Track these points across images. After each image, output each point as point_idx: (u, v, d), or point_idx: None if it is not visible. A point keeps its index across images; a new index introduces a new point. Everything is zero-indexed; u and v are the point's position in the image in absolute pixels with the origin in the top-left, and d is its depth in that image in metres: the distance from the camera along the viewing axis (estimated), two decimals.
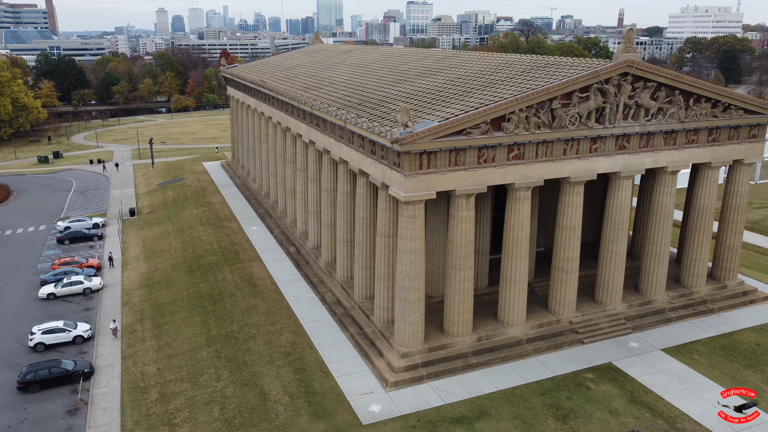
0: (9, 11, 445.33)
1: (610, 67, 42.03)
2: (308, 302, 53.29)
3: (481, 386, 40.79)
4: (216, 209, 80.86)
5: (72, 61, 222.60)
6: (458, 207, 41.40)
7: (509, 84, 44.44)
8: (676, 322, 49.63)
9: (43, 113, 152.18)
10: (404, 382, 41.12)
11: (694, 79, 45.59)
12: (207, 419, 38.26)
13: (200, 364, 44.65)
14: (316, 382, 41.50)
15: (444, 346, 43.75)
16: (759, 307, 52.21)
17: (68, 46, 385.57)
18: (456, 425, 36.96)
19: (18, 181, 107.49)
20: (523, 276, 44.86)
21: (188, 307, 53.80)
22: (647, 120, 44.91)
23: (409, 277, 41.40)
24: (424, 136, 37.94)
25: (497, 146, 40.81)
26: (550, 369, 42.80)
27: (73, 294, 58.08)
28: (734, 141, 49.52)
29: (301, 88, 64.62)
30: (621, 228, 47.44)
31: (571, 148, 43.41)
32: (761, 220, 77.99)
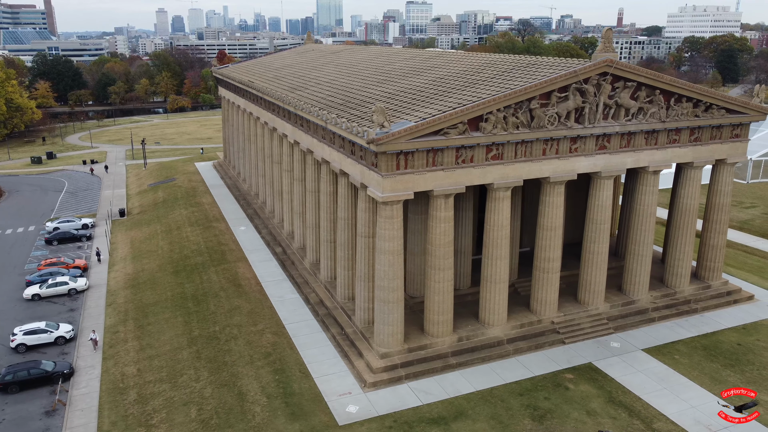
0: (7, 12, 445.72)
1: (589, 66, 41.97)
2: (292, 303, 53.25)
3: (459, 387, 40.74)
4: (205, 210, 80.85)
5: (69, 62, 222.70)
6: (437, 207, 41.35)
7: (489, 84, 44.38)
8: (659, 322, 49.56)
9: (38, 114, 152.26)
10: (383, 382, 41.08)
11: (674, 79, 45.52)
12: (184, 420, 38.24)
13: (180, 364, 44.63)
14: (295, 382, 41.47)
15: (424, 346, 43.70)
16: (742, 307, 52.12)
17: (67, 46, 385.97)
18: (432, 426, 36.92)
19: (10, 182, 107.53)
20: (503, 276, 44.81)
21: (172, 307, 53.78)
22: (628, 120, 44.84)
23: (388, 278, 41.36)
24: (401, 137, 37.88)
25: (475, 146, 40.76)
26: (529, 369, 42.75)
27: (58, 295, 58.07)
28: (717, 141, 49.45)
29: (287, 88, 64.59)
30: (602, 228, 47.38)
31: (550, 148, 43.35)
32: (750, 220, 77.89)
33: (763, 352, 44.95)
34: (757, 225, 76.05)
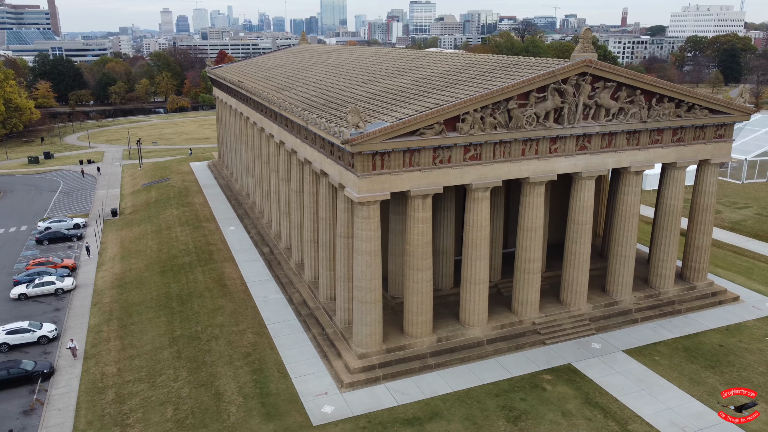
0: (11, 12, 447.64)
1: (567, 67, 41.83)
2: (275, 303, 53.29)
3: (436, 387, 40.69)
4: (196, 210, 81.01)
5: (69, 62, 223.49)
6: (414, 208, 41.31)
7: (469, 84, 44.30)
8: (642, 323, 49.38)
9: (36, 114, 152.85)
10: (360, 383, 41.06)
11: (655, 79, 45.34)
12: (159, 420, 38.31)
13: (160, 364, 44.72)
14: (272, 383, 41.50)
15: (402, 347, 43.66)
16: (727, 308, 51.87)
17: (70, 46, 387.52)
18: (406, 426, 36.88)
19: (6, 182, 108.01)
20: (483, 277, 44.71)
21: (156, 307, 53.91)
22: (608, 120, 44.68)
23: (365, 278, 41.33)
24: (376, 137, 37.86)
25: (452, 147, 40.69)
26: (508, 370, 42.66)
27: (44, 294, 58.28)
28: (700, 141, 49.23)
29: (274, 88, 64.65)
30: (584, 228, 47.24)
31: (529, 148, 43.24)
32: (742, 220, 77.51)
33: (745, 353, 44.72)
34: (748, 226, 75.65)
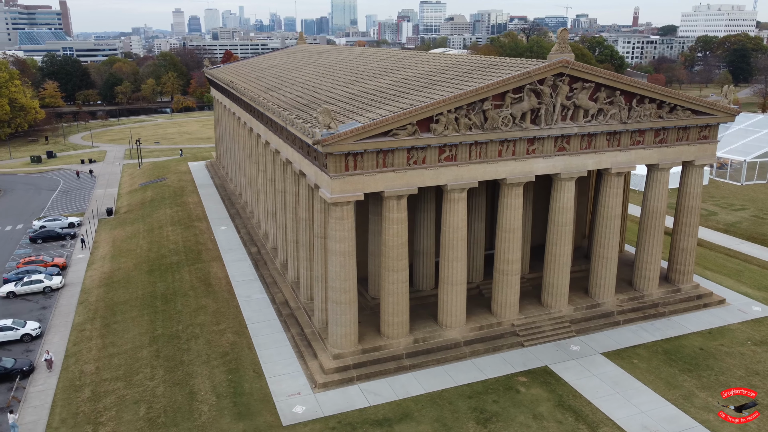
0: (24, 13, 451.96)
1: (543, 67, 41.62)
2: (258, 303, 53.44)
3: (410, 388, 40.62)
4: (190, 209, 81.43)
5: (77, 62, 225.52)
6: (389, 208, 41.27)
7: (448, 85, 44.20)
8: (624, 325, 49.01)
9: (41, 113, 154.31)
10: (333, 383, 41.08)
11: (635, 80, 44.95)
12: (132, 418, 38.54)
13: (138, 363, 44.99)
14: (247, 382, 41.62)
15: (378, 347, 43.63)
16: (712, 311, 51.36)
17: (81, 46, 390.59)
18: (375, 427, 36.85)
19: (7, 181, 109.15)
20: (460, 278, 44.57)
21: (140, 306, 54.24)
22: (587, 121, 44.37)
23: (339, 279, 41.35)
24: (347, 138, 37.85)
25: (427, 147, 40.59)
26: (483, 372, 42.50)
27: (33, 293, 58.84)
28: (683, 142, 48.79)
29: (263, 88, 64.86)
30: (564, 230, 46.96)
31: (506, 149, 43.05)
32: (738, 222, 76.71)
33: (725, 357, 44.26)
34: (743, 228, 74.87)
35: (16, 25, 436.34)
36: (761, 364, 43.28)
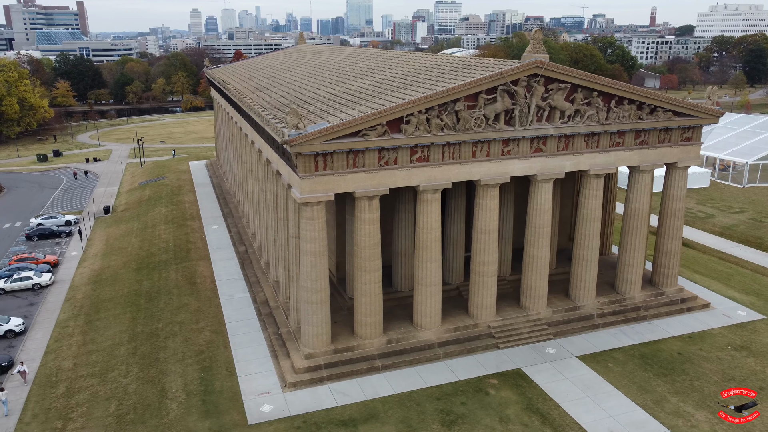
0: (42, 13, 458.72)
1: (516, 68, 41.36)
2: (240, 302, 53.71)
3: (379, 389, 40.58)
4: (184, 208, 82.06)
5: (89, 62, 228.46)
6: (361, 209, 41.28)
7: (424, 85, 44.10)
8: (603, 328, 48.54)
9: (50, 112, 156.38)
10: (304, 383, 41.17)
11: (612, 81, 44.50)
12: (102, 414, 38.94)
13: (115, 360, 45.44)
14: (218, 380, 41.85)
15: (351, 348, 43.65)
16: (695, 315, 50.69)
17: (97, 46, 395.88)
18: (340, 428, 36.87)
19: (12, 179, 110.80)
20: (434, 279, 44.44)
21: (124, 304, 54.77)
22: (563, 122, 44.02)
23: (310, 278, 41.44)
24: (315, 138, 37.90)
25: (398, 148, 40.51)
26: (455, 373, 42.33)
27: (22, 289, 59.68)
28: (665, 144, 48.20)
29: (252, 88, 65.21)
30: (542, 232, 46.62)
31: (480, 150, 42.83)
32: (734, 225, 75.60)
33: (702, 362, 43.67)
34: (739, 231, 73.79)
35: (34, 25, 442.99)
36: (738, 370, 42.64)
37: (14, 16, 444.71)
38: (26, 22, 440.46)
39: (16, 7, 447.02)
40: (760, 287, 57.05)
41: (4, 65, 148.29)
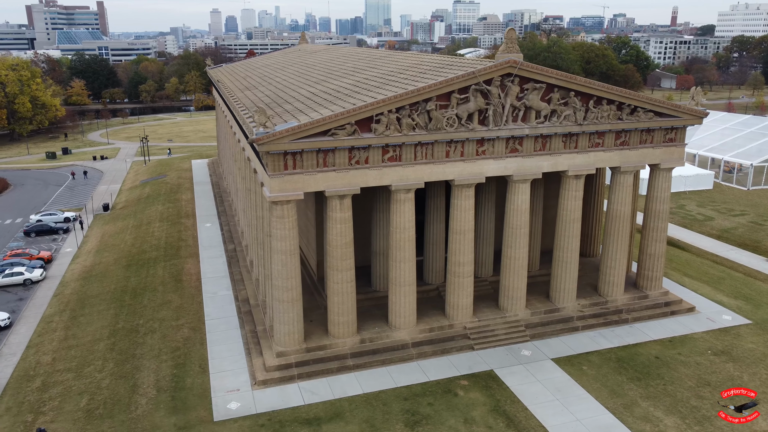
0: (63, 13, 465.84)
1: (489, 68, 41.05)
2: (222, 299, 54.03)
3: (348, 389, 40.55)
4: (181, 206, 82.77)
5: (104, 61, 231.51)
6: (332, 208, 41.30)
7: (401, 84, 43.94)
8: (583, 331, 48.02)
9: (62, 111, 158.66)
10: (273, 381, 41.30)
11: (590, 81, 43.95)
12: (72, 409, 39.41)
13: (93, 355, 45.97)
14: (190, 377, 42.14)
15: (323, 347, 43.69)
16: (678, 319, 49.91)
17: (115, 46, 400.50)
18: (303, 426, 36.92)
19: (19, 176, 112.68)
20: (408, 279, 44.28)
21: (109, 300, 55.39)
22: (539, 122, 43.58)
23: (281, 277, 41.54)
24: (283, 137, 37.99)
25: (369, 147, 40.44)
26: (426, 374, 42.15)
27: (13, 284, 60.66)
28: (647, 145, 47.53)
29: (242, 87, 65.59)
30: (520, 233, 46.25)
31: (454, 150, 42.58)
32: (733, 228, 74.32)
33: (679, 366, 42.98)
34: (737, 234, 72.54)
35: (55, 25, 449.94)
36: (715, 375, 41.90)
37: (36, 15, 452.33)
38: (47, 21, 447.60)
39: (38, 7, 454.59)
40: (750, 291, 56.02)
41: (17, 64, 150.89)
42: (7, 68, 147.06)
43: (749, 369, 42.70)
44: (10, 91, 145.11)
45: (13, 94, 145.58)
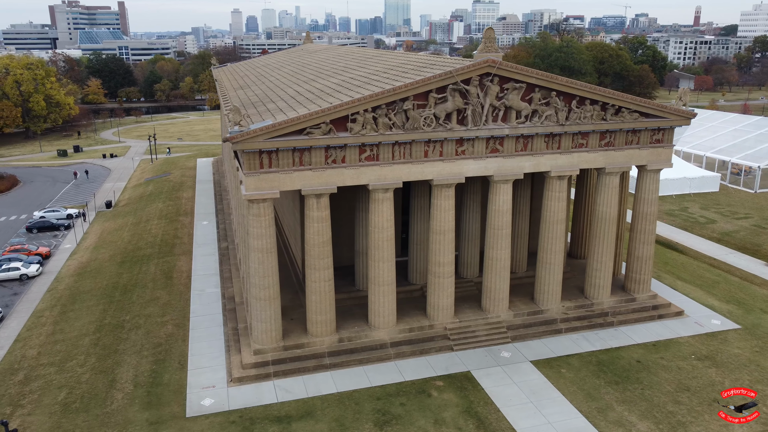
0: (84, 13, 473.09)
1: (466, 67, 40.80)
2: (209, 296, 54.43)
3: (323, 387, 40.60)
4: (181, 204, 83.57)
5: (120, 60, 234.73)
6: (309, 207, 41.39)
7: (382, 83, 43.86)
8: (566, 333, 47.53)
9: (75, 109, 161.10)
10: (249, 378, 41.51)
11: (572, 80, 43.45)
12: (50, 402, 39.99)
13: (77, 350, 46.60)
14: (168, 373, 42.52)
15: (301, 345, 43.80)
16: (665, 323, 49.17)
17: (135, 45, 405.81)
18: (273, 424, 37.05)
19: (29, 173, 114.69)
20: (387, 279, 44.19)
21: (99, 296, 56.11)
22: (520, 122, 43.21)
23: (258, 275, 41.74)
24: (257, 135, 38.14)
25: (345, 146, 40.44)
26: (402, 374, 42.04)
27: (9, 279, 61.76)
28: (634, 146, 46.89)
29: (236, 86, 66.02)
30: (501, 234, 45.90)
31: (433, 150, 42.40)
32: (735, 232, 73.05)
33: (660, 371, 42.34)
34: (738, 237, 71.29)
35: (77, 24, 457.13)
36: (695, 380, 41.21)
37: (58, 16, 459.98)
38: (69, 21, 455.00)
39: (60, 8, 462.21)
40: (744, 296, 55.03)
41: (32, 63, 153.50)
42: (22, 67, 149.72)
43: (732, 375, 41.93)
44: (25, 90, 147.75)
45: (28, 92, 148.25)
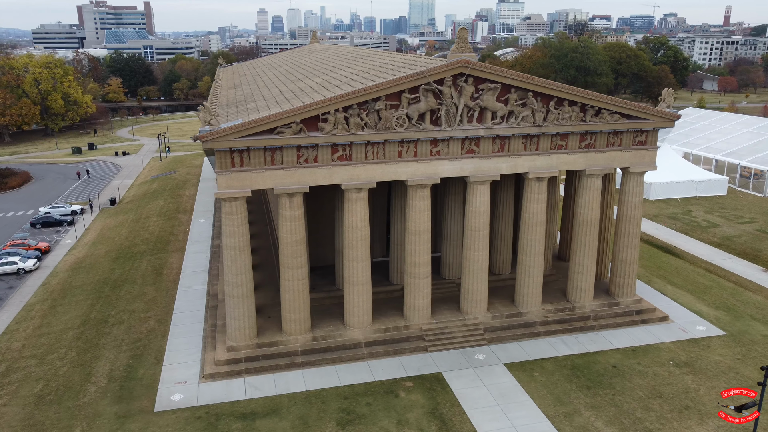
0: (111, 13, 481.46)
1: (439, 67, 40.63)
2: (195, 293, 55.06)
3: (292, 385, 40.82)
4: (181, 201, 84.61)
5: (140, 60, 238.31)
6: (282, 206, 41.65)
7: (360, 83, 43.94)
8: (545, 336, 47.08)
9: (93, 107, 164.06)
10: (221, 374, 41.92)
11: (548, 81, 42.96)
12: (26, 394, 40.84)
13: (60, 343, 47.52)
14: (143, 368, 43.13)
15: (275, 343, 44.09)
16: (648, 328, 48.39)
17: (159, 45, 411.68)
18: (238, 420, 37.36)
19: (42, 170, 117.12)
20: (362, 278, 44.25)
21: (89, 291, 57.13)
22: (495, 123, 42.90)
23: (231, 273, 42.13)
24: (227, 135, 38.52)
25: (317, 146, 40.60)
26: (373, 374, 42.07)
27: (7, 273, 63.20)
28: (616, 148, 46.23)
29: (230, 86, 66.65)
30: (478, 235, 45.63)
31: (407, 150, 42.33)
32: (736, 236, 71.45)
33: (635, 377, 41.68)
34: (739, 242, 69.72)
35: (104, 24, 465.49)
36: (670, 387, 40.49)
37: (86, 16, 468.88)
38: (96, 21, 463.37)
39: (88, 8, 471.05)
40: (735, 302, 53.85)
41: (51, 62, 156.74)
42: (41, 66, 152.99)
43: (709, 382, 41.11)
44: (43, 88, 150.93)
45: (47, 91, 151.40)
